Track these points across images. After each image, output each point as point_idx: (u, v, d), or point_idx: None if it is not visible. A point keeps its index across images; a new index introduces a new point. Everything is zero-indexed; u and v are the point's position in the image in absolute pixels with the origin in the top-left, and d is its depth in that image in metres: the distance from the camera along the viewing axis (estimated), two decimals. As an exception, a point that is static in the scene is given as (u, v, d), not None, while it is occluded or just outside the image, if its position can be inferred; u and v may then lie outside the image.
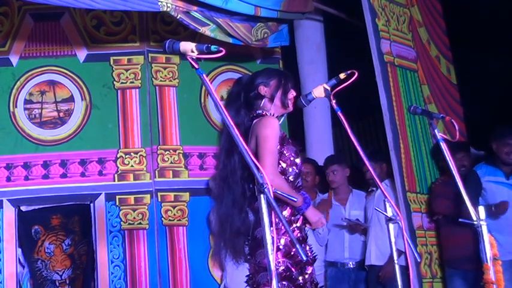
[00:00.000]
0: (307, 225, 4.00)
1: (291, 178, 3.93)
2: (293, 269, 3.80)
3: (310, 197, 4.10)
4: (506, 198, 5.84)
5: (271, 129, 3.87)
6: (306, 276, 3.86)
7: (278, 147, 3.90)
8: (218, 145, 4.02)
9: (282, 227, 3.73)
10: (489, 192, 5.90)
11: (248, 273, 3.94)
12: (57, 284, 6.12)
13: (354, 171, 6.80)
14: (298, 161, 3.98)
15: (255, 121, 3.95)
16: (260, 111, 4.00)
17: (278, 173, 3.82)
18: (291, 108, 4.05)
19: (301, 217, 3.95)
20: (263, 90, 4.00)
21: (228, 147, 3.88)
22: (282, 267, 3.78)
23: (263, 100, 4.00)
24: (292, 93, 4.03)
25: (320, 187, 6.72)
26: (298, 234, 3.85)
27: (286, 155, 3.94)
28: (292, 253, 3.80)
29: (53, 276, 6.12)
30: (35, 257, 6.10)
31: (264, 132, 3.84)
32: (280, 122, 4.07)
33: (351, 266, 6.29)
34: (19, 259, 6.04)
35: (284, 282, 3.79)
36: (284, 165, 3.92)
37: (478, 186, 5.89)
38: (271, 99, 4.00)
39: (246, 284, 3.94)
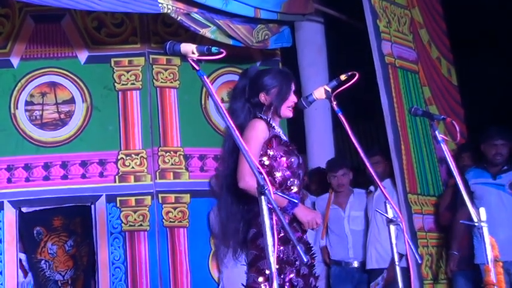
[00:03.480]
0: (302, 226, 4.00)
1: (278, 178, 3.93)
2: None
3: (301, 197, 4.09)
4: (493, 197, 5.86)
5: (254, 131, 3.89)
6: (286, 278, 3.85)
7: (265, 149, 3.91)
8: (222, 145, 4.03)
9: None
10: (477, 193, 5.91)
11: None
12: (60, 284, 6.13)
13: (354, 172, 6.79)
14: (290, 160, 3.96)
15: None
16: (259, 114, 4.00)
17: (251, 174, 3.77)
18: (290, 115, 4.05)
19: (288, 218, 3.93)
20: (263, 98, 3.99)
21: (232, 147, 3.89)
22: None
23: (263, 108, 4.01)
24: (292, 100, 4.02)
25: (317, 188, 6.72)
26: (281, 234, 3.82)
27: (273, 155, 3.94)
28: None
29: (55, 277, 6.13)
30: (38, 257, 6.11)
31: (246, 134, 3.86)
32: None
33: (355, 266, 6.29)
34: (22, 264, 6.04)
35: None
36: (270, 166, 3.92)
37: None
38: (270, 107, 4.00)
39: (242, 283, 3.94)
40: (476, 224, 3.89)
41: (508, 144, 6.03)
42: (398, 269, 3.80)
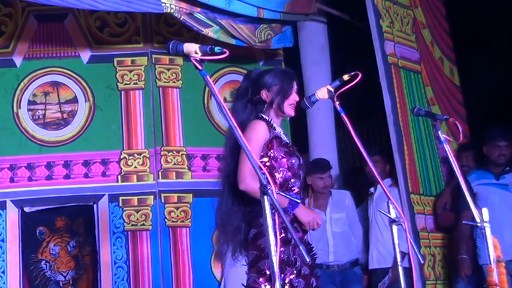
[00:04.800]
0: (303, 227, 3.99)
1: (279, 179, 3.93)
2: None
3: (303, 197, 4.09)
4: (496, 197, 5.85)
5: (254, 132, 3.91)
6: (286, 278, 3.85)
7: (265, 150, 3.91)
8: (224, 145, 4.04)
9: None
10: (480, 194, 5.90)
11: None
12: (61, 284, 6.13)
13: (354, 173, 6.78)
14: (291, 161, 3.97)
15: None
16: (260, 114, 4.01)
17: (252, 175, 3.78)
18: (291, 113, 4.05)
19: (289, 218, 3.93)
20: (264, 95, 4.01)
21: (233, 146, 3.90)
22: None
23: (264, 105, 4.02)
24: (293, 99, 4.03)
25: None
26: (282, 235, 3.82)
27: (274, 156, 3.94)
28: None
29: (57, 277, 6.13)
30: (39, 257, 6.11)
31: (247, 135, 3.86)
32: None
33: (336, 269, 6.24)
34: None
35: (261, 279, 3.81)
36: (271, 167, 3.93)
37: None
38: (271, 105, 4.01)
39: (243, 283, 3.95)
40: (479, 224, 3.89)
41: (510, 145, 6.03)
42: (400, 269, 3.80)
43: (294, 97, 4.03)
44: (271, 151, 3.94)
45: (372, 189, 6.33)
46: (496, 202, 5.80)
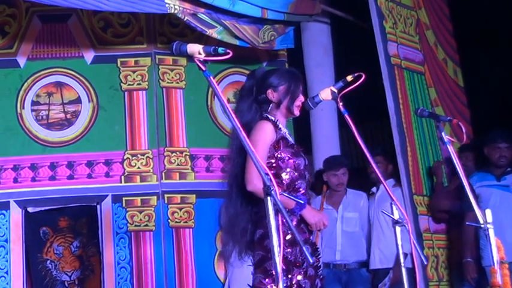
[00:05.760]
0: (309, 227, 3.99)
1: (286, 180, 3.93)
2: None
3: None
4: (498, 199, 5.86)
5: (261, 133, 3.90)
6: (293, 279, 3.85)
7: (272, 151, 3.91)
8: (229, 145, 4.03)
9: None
10: (482, 196, 5.90)
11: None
12: (67, 284, 6.14)
13: (355, 172, 6.78)
14: (297, 162, 3.97)
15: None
16: (266, 115, 4.01)
17: (259, 176, 3.77)
18: (297, 114, 4.05)
19: (295, 219, 3.93)
20: (271, 94, 4.00)
21: (240, 146, 3.89)
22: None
23: (270, 105, 4.01)
24: (300, 99, 4.03)
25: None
26: (289, 236, 3.82)
27: (281, 157, 3.94)
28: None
29: (62, 277, 6.14)
30: (44, 257, 6.13)
31: (254, 136, 3.87)
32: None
33: (343, 269, 6.24)
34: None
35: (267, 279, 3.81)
36: (278, 168, 3.93)
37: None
38: (278, 105, 4.01)
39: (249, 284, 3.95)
40: (482, 225, 3.88)
41: (511, 147, 6.04)
42: (404, 270, 3.80)
43: (300, 98, 4.04)
44: (278, 152, 3.94)
45: (373, 189, 6.32)
46: (497, 203, 5.81)
